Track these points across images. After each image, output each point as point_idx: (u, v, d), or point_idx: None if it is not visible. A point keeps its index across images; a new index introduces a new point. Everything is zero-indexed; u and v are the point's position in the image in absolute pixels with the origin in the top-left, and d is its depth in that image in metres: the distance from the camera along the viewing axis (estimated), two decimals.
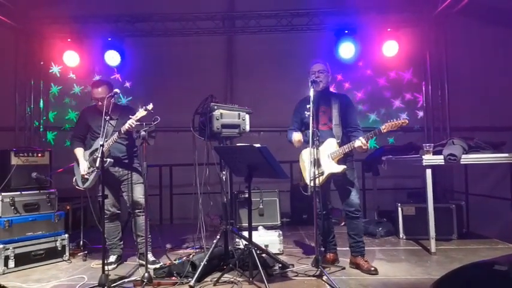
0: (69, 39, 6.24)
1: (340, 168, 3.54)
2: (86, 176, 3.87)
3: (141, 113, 3.50)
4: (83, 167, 3.89)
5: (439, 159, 4.26)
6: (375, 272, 3.50)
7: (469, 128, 6.05)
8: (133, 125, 3.57)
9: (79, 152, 3.98)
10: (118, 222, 4.09)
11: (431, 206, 4.22)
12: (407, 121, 3.30)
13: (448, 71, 6.43)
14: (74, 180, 3.99)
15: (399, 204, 5.01)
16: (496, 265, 2.20)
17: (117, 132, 3.69)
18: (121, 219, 4.18)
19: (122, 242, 4.09)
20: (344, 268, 3.68)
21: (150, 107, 3.49)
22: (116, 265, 3.93)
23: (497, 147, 4.44)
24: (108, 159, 3.70)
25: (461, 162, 4.29)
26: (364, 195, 6.31)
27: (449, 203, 5.03)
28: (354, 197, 3.65)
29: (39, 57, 6.57)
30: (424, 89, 6.61)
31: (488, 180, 5.85)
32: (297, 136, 3.70)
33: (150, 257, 3.84)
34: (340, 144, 3.58)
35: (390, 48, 6.12)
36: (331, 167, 3.56)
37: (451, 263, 3.79)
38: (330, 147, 3.59)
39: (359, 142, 3.40)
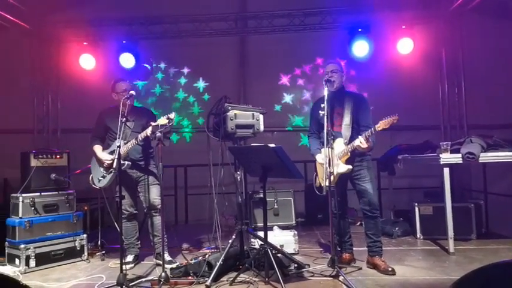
0: (85, 43, 6.35)
1: (345, 168, 3.55)
2: (108, 163, 3.85)
3: (162, 120, 3.53)
4: (106, 157, 3.89)
5: (456, 158, 4.19)
6: (393, 272, 3.47)
7: (487, 126, 5.92)
8: (166, 125, 3.55)
9: (98, 148, 4.03)
10: (135, 222, 4.15)
11: (450, 206, 4.15)
12: (397, 118, 3.30)
13: (464, 68, 6.32)
14: (90, 178, 4.05)
15: (416, 204, 4.95)
16: None
17: (135, 138, 3.75)
18: (138, 219, 4.23)
19: (139, 242, 4.14)
20: (361, 268, 3.65)
21: (172, 115, 3.51)
22: (133, 264, 3.98)
23: None
24: (126, 162, 3.76)
25: (480, 161, 4.21)
26: (380, 194, 6.22)
27: (467, 202, 4.94)
28: (372, 196, 3.62)
29: (56, 61, 6.70)
30: (440, 86, 6.51)
31: (507, 179, 5.72)
32: (317, 156, 3.77)
33: (167, 257, 3.88)
34: (348, 144, 3.57)
35: (405, 46, 6.05)
36: (338, 167, 3.55)
37: (471, 263, 3.72)
38: (338, 147, 3.59)
39: (357, 141, 3.43)
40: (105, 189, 4.00)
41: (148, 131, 3.64)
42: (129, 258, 4.02)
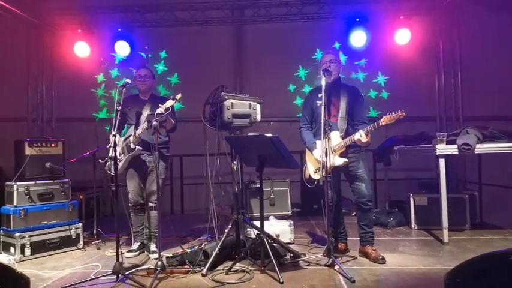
0: (79, 30, 6.26)
1: (341, 161, 3.54)
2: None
3: (169, 102, 3.48)
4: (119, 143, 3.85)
5: (452, 149, 4.20)
6: (383, 260, 3.50)
7: (483, 117, 5.95)
8: (162, 113, 3.50)
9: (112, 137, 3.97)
10: (143, 212, 4.08)
11: (445, 196, 4.17)
12: (404, 114, 3.27)
13: (461, 59, 6.32)
14: (106, 165, 3.96)
15: (411, 195, 4.97)
16: (511, 256, 2.17)
17: (145, 124, 3.70)
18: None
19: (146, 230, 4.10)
20: (356, 258, 3.68)
21: (178, 96, 3.46)
22: (137, 252, 3.98)
23: None
24: (137, 147, 3.76)
25: (476, 152, 4.22)
26: (375, 185, 6.27)
27: (462, 193, 4.97)
28: (365, 187, 3.64)
29: (50, 49, 6.61)
30: (437, 77, 6.51)
31: (502, 170, 5.76)
32: (313, 151, 3.69)
33: (154, 247, 3.92)
34: (344, 137, 3.57)
35: (402, 37, 6.02)
36: (334, 160, 3.54)
37: (465, 253, 3.76)
38: (333, 140, 3.57)
39: (358, 135, 3.41)
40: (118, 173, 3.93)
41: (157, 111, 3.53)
42: (135, 245, 4.03)
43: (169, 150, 4.18)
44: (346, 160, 3.55)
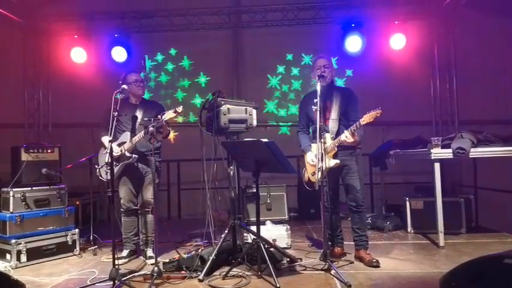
0: (76, 36, 6.28)
1: (333, 162, 3.56)
2: (115, 155, 3.76)
3: (169, 114, 3.50)
4: (114, 150, 3.76)
5: (447, 153, 4.23)
6: (377, 263, 3.52)
7: (478, 121, 5.98)
8: (158, 119, 3.54)
9: (106, 139, 3.84)
10: (134, 218, 4.07)
11: (440, 200, 4.19)
12: (381, 111, 3.29)
13: (456, 64, 6.37)
14: (97, 170, 3.97)
15: (407, 199, 5.00)
16: (506, 259, 2.19)
17: (143, 131, 3.71)
18: (137, 215, 4.16)
19: (136, 238, 4.09)
20: (352, 262, 3.68)
21: (179, 109, 3.48)
22: (127, 259, 3.96)
23: (506, 141, 4.40)
24: (133, 155, 3.77)
25: (470, 156, 4.25)
26: (372, 189, 6.29)
27: (457, 197, 5.00)
28: (358, 191, 3.67)
29: (47, 55, 6.62)
30: (432, 82, 6.55)
31: (497, 173, 5.79)
32: (308, 157, 3.76)
33: (150, 253, 3.91)
34: (334, 139, 3.59)
35: (398, 42, 6.07)
36: (327, 162, 3.55)
37: (460, 257, 3.77)
38: (327, 142, 3.59)
39: (343, 136, 3.46)
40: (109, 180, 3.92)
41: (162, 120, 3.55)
42: (124, 253, 4.00)
43: (161, 156, 4.17)
44: (337, 161, 3.57)
